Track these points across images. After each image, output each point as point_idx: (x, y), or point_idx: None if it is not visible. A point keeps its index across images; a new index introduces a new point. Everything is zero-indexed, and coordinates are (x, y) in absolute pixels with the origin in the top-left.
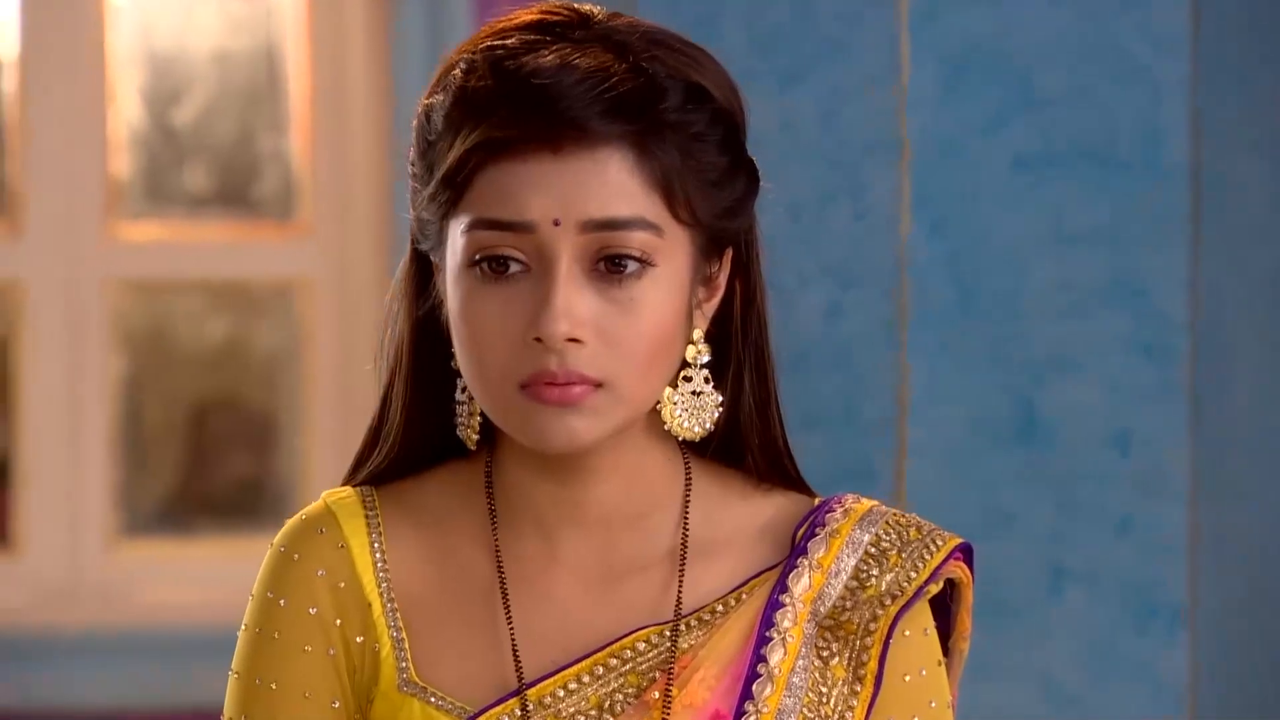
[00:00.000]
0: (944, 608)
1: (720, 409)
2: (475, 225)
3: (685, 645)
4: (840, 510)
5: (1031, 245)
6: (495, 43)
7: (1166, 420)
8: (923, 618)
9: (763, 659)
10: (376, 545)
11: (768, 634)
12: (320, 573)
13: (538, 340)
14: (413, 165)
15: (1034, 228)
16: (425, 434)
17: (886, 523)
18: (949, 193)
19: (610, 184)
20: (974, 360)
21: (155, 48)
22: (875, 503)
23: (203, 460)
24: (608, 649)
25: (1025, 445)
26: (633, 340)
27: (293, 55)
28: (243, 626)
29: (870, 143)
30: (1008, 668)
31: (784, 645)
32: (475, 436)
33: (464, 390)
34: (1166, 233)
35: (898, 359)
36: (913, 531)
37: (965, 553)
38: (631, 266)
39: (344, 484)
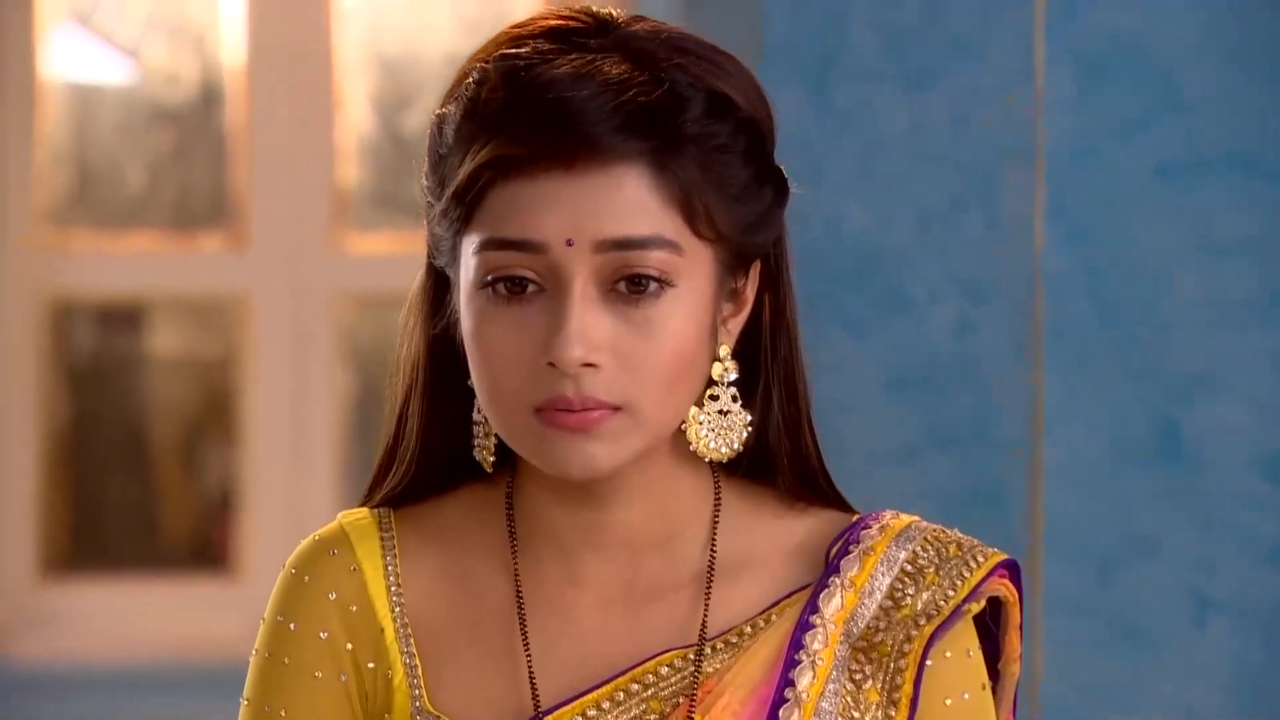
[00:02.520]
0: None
1: (749, 428)
2: (486, 245)
3: (710, 669)
4: (876, 527)
5: (1174, 256)
6: (509, 51)
7: None
8: (964, 638)
9: (790, 683)
10: (391, 568)
11: (796, 656)
12: (331, 595)
13: (552, 365)
14: (425, 178)
15: (1177, 237)
16: (443, 454)
17: (925, 539)
18: (1086, 201)
19: (626, 202)
20: (1113, 377)
21: (385, 52)
22: (914, 518)
23: None
24: (629, 674)
25: (1167, 467)
26: (652, 362)
27: None
28: (254, 651)
29: (1003, 148)
30: (1147, 700)
31: (813, 668)
32: (491, 458)
33: (480, 411)
34: None
35: (1032, 376)
36: (952, 548)
37: (1011, 569)
38: (650, 286)
39: (361, 505)
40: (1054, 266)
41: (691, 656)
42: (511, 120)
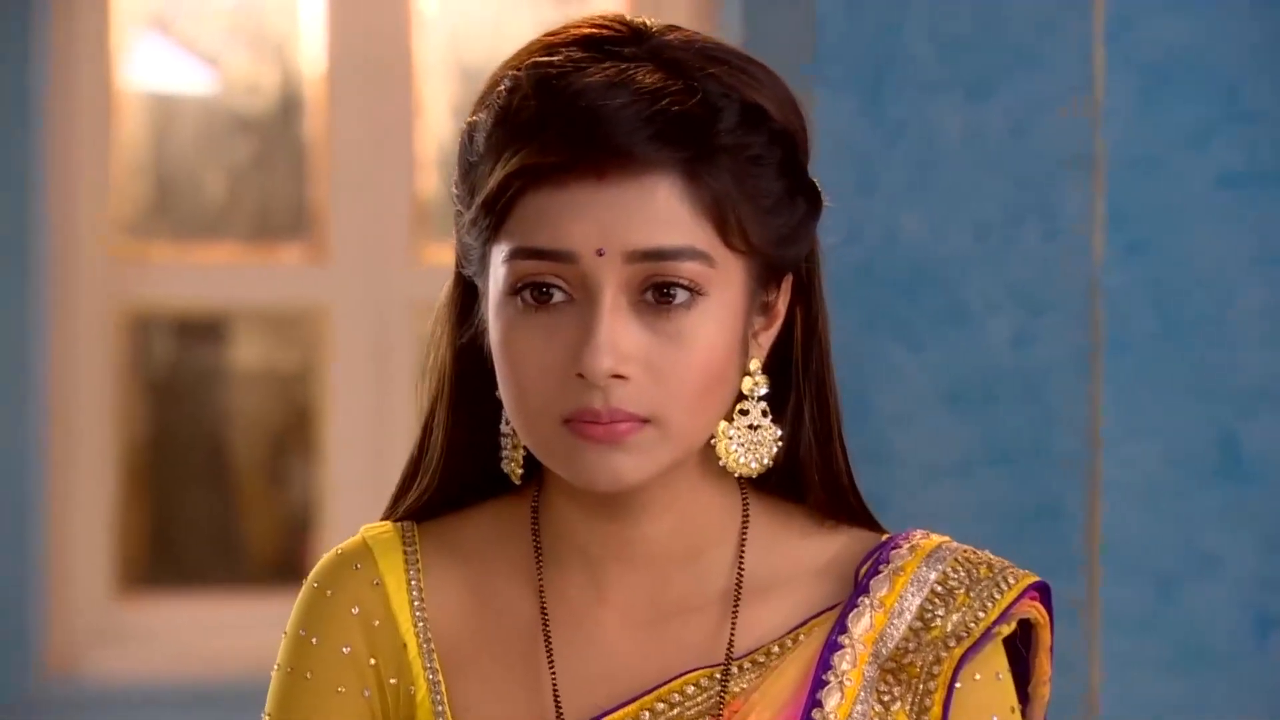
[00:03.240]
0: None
1: (779, 443)
2: (516, 254)
3: (737, 689)
4: (906, 547)
5: (1237, 268)
6: (541, 59)
7: None
8: (994, 661)
9: (818, 703)
10: (414, 583)
11: (824, 677)
12: (354, 610)
13: (580, 376)
14: (455, 186)
15: (1240, 249)
16: (468, 467)
17: (956, 560)
18: (1147, 212)
19: (658, 212)
20: (1174, 391)
21: (466, 60)
22: (945, 539)
23: None
24: (654, 693)
25: (1229, 482)
26: (682, 374)
27: None
28: (275, 666)
29: (1062, 158)
30: None
31: (841, 689)
32: (520, 470)
33: (508, 422)
34: None
35: (1091, 390)
36: (983, 569)
37: (1042, 591)
38: (681, 296)
39: (383, 518)
40: (1113, 278)
41: (718, 676)
42: (543, 129)
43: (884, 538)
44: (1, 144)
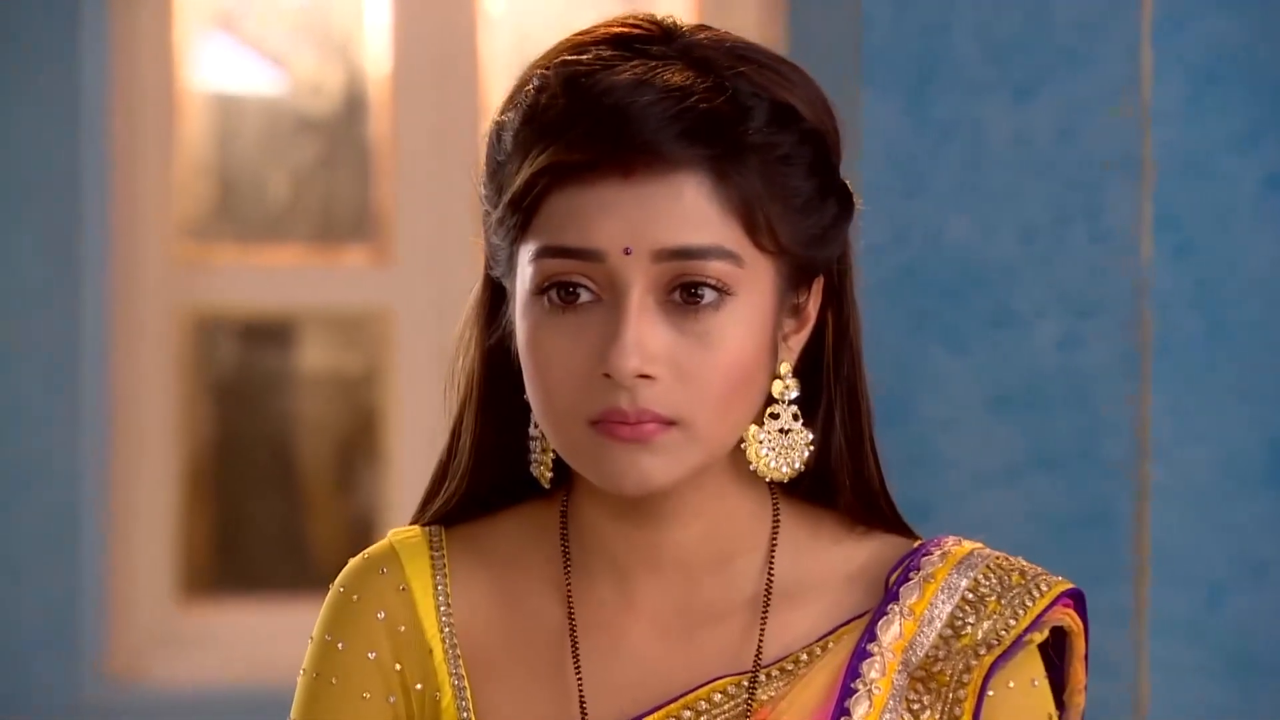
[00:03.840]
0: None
1: (810, 448)
2: (543, 253)
3: (764, 697)
4: (938, 553)
5: None
6: (570, 58)
7: None
8: (1029, 668)
9: (846, 712)
10: (440, 587)
11: (853, 685)
12: (380, 615)
13: (607, 376)
14: (483, 186)
15: None
16: (497, 471)
17: (988, 567)
18: (1195, 214)
19: (685, 211)
20: (1223, 395)
21: (532, 59)
22: (978, 545)
23: None
24: (681, 700)
25: (1279, 488)
26: (709, 376)
27: None
28: (301, 671)
29: (1110, 160)
30: None
31: (870, 697)
32: (549, 474)
33: (537, 425)
34: None
35: (1139, 394)
36: (1015, 576)
37: (1076, 599)
38: (709, 296)
39: (412, 522)
40: (1162, 281)
41: (745, 684)
42: (570, 126)
43: (916, 544)
44: (62, 145)
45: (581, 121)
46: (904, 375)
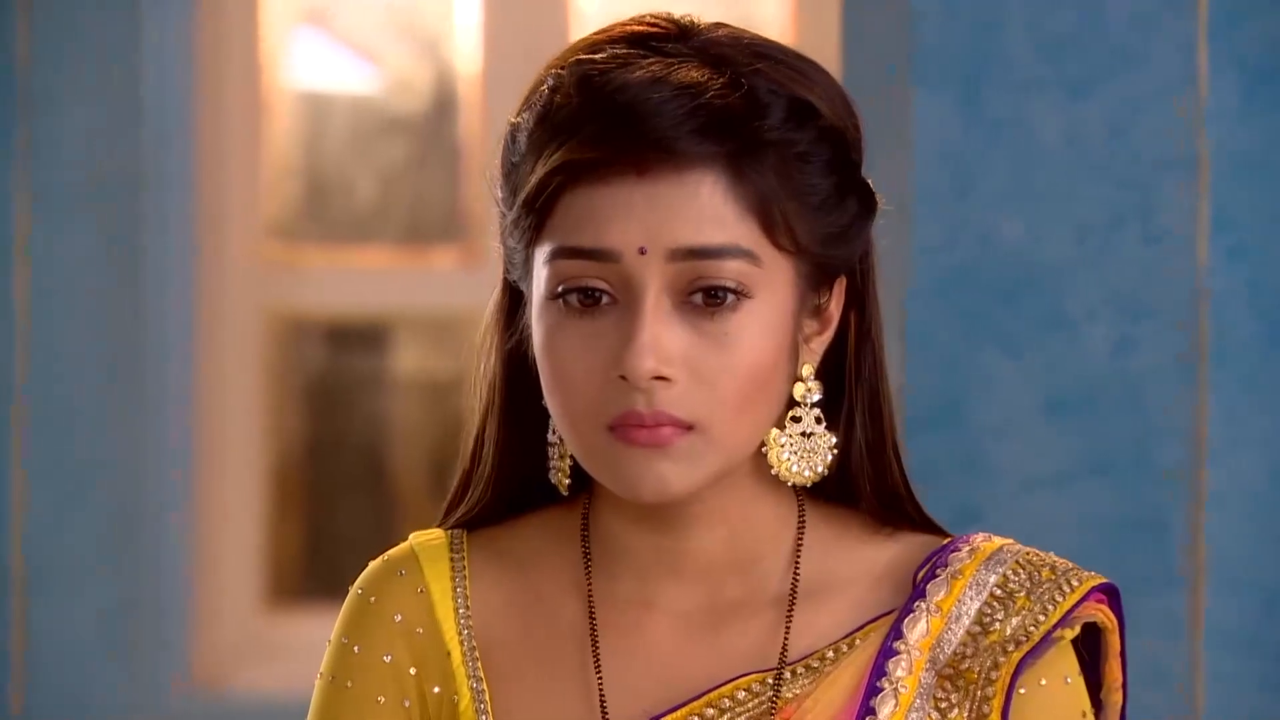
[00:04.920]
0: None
1: (834, 451)
2: (557, 254)
3: (789, 695)
4: (966, 549)
5: None
6: (585, 57)
7: None
8: (1062, 664)
9: (871, 710)
10: (460, 590)
11: (879, 684)
12: (397, 618)
13: (623, 379)
14: (499, 189)
15: None
16: (520, 478)
17: (1017, 562)
18: (1252, 214)
19: (701, 209)
20: (1279, 399)
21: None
22: (1008, 541)
23: None
24: (704, 698)
25: None
26: (726, 378)
27: None
28: (319, 674)
29: (1164, 159)
30: None
31: (896, 696)
32: (567, 481)
33: (555, 430)
34: None
35: (1195, 398)
36: (1045, 571)
37: (1109, 594)
38: (728, 299)
39: (436, 527)
40: (1217, 283)
41: (770, 681)
42: (583, 125)
43: (945, 541)
44: (145, 143)
45: (595, 120)
46: (955, 379)
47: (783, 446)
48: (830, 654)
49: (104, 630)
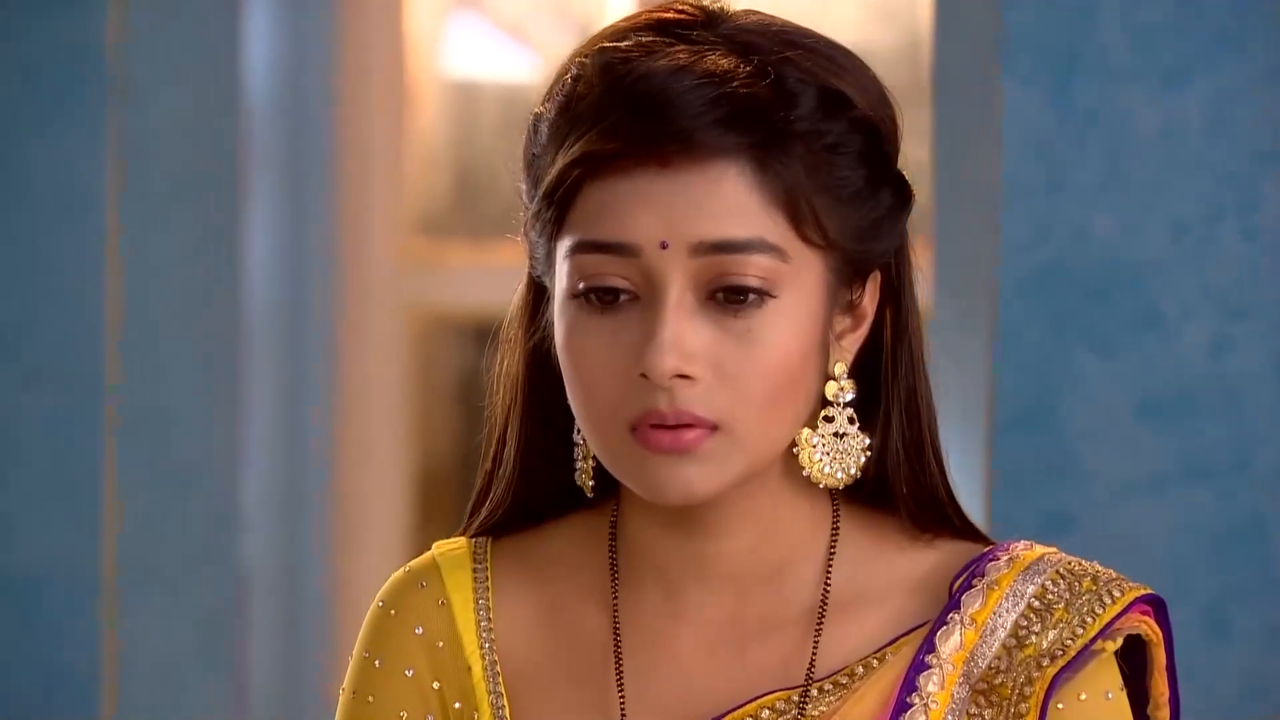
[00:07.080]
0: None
1: (868, 453)
2: (578, 248)
3: (815, 713)
4: (1004, 558)
5: None
6: (608, 45)
7: None
8: (1102, 679)
9: None
10: (482, 602)
11: (908, 699)
12: (418, 631)
13: (645, 377)
14: (521, 181)
15: None
16: (543, 479)
17: (1057, 572)
18: None
19: (725, 202)
20: None
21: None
22: (1050, 549)
23: None
24: (728, 716)
25: None
26: (752, 377)
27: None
28: (341, 689)
29: (1264, 151)
30: None
31: (925, 712)
32: (591, 482)
33: (579, 431)
34: None
35: None
36: (1086, 582)
37: (1155, 605)
38: (752, 297)
39: (459, 534)
40: None
41: (796, 699)
42: (604, 115)
43: (984, 549)
44: (286, 135)
45: (616, 109)
46: (1046, 380)
47: (814, 447)
48: (860, 669)
49: (250, 643)
